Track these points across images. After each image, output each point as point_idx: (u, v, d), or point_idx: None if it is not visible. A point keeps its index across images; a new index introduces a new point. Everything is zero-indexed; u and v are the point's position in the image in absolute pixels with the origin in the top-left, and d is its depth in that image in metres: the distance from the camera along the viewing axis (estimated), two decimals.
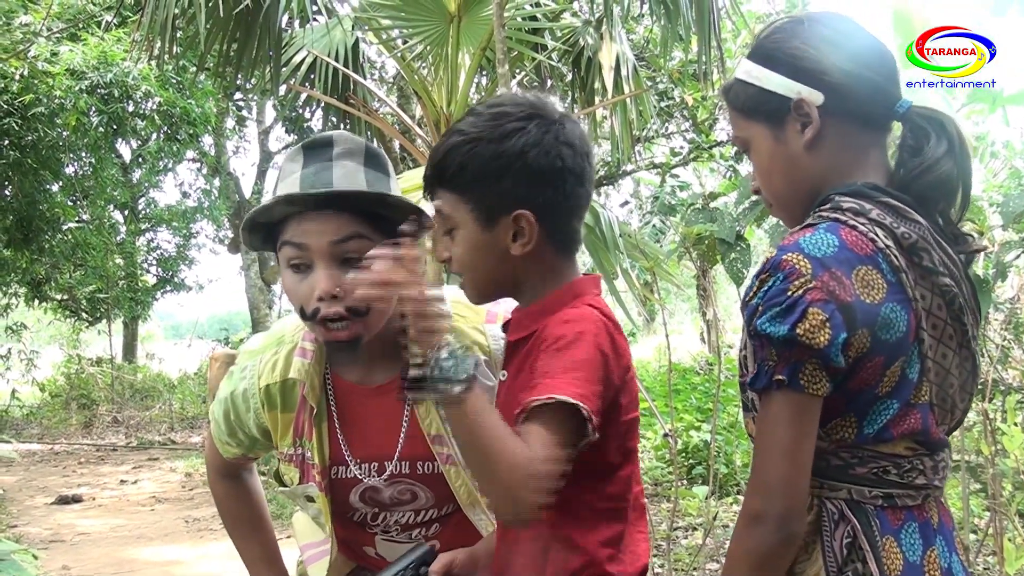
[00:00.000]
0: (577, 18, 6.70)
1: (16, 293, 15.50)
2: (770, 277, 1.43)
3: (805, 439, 1.41)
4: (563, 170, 1.52)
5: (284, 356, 1.93)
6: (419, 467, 1.89)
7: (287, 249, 1.75)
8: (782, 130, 1.56)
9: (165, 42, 5.51)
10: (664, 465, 7.52)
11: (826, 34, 1.54)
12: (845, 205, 1.48)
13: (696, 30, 5.55)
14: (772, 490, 1.40)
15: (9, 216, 12.79)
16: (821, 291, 1.39)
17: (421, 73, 5.83)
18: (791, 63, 1.54)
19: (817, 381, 1.40)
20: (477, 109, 1.57)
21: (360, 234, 1.74)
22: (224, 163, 17.41)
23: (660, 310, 5.79)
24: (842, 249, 1.43)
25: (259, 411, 1.95)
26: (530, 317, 1.56)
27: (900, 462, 1.47)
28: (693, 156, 13.88)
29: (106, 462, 11.34)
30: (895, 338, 1.43)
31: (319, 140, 1.82)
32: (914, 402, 1.47)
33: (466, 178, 1.52)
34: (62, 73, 10.34)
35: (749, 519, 1.42)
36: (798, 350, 1.39)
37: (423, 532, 1.97)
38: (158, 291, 18.99)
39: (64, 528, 7.40)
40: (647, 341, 19.79)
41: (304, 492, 1.94)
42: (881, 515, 1.46)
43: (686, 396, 8.85)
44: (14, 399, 15.20)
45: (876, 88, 1.53)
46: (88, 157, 13.53)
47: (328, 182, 1.74)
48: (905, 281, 1.44)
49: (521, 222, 1.50)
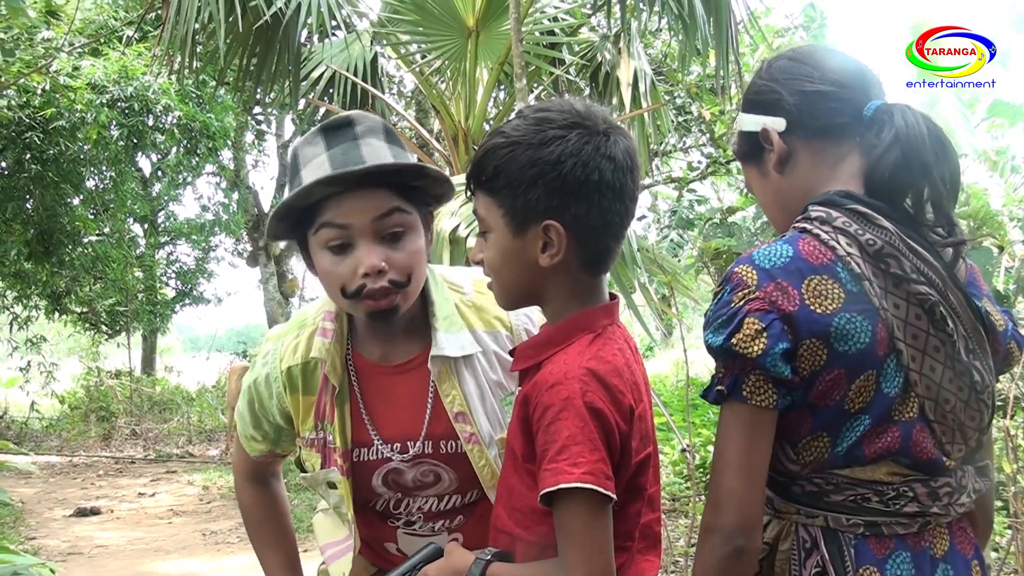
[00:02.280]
0: (595, 33, 6.70)
1: (37, 306, 15.56)
2: (721, 289, 1.46)
3: (755, 452, 1.41)
4: (600, 184, 1.46)
5: (306, 338, 1.93)
6: (442, 446, 1.88)
7: (326, 231, 1.75)
8: (763, 164, 1.61)
9: (185, 56, 5.55)
10: (682, 480, 7.47)
11: (784, 65, 1.59)
12: (813, 214, 1.48)
13: (714, 44, 5.55)
14: (721, 503, 1.41)
15: (30, 229, 12.87)
16: (762, 301, 1.40)
17: (439, 87, 5.85)
18: (755, 100, 1.60)
19: (761, 393, 1.40)
20: (524, 111, 1.53)
21: (399, 208, 1.75)
22: (243, 177, 17.47)
23: (678, 325, 5.77)
24: (794, 259, 1.43)
25: (281, 395, 1.95)
26: (535, 348, 1.55)
27: (883, 489, 1.44)
28: (711, 171, 13.84)
29: (124, 474, 11.37)
30: (855, 349, 1.41)
31: (338, 121, 1.81)
32: (896, 418, 1.44)
33: (500, 182, 1.49)
34: (83, 87, 10.42)
35: (701, 532, 1.43)
36: (738, 361, 1.40)
37: (447, 523, 1.95)
38: (177, 304, 19.05)
39: (82, 541, 7.42)
40: (665, 355, 19.71)
41: (326, 477, 1.93)
42: (861, 544, 1.44)
43: (704, 411, 8.81)
44: (33, 411, 15.27)
45: (838, 100, 1.54)
46: (109, 170, 13.61)
47: (359, 159, 1.74)
48: (869, 289, 1.42)
49: (550, 233, 1.47)
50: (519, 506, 1.48)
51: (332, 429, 1.89)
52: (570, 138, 1.46)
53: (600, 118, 1.50)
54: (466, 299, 1.93)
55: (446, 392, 1.85)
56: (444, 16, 5.36)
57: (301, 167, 1.78)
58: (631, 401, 1.46)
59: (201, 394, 16.87)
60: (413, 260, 1.77)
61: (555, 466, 1.37)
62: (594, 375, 1.43)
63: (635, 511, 1.50)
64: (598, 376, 1.43)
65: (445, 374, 1.86)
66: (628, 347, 1.53)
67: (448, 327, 1.86)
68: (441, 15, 5.37)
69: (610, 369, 1.45)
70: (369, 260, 1.72)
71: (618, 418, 1.42)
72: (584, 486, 1.35)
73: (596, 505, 1.37)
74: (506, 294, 1.58)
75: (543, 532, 1.42)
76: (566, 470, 1.36)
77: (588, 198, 1.46)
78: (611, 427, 1.41)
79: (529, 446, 1.45)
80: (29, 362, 15.57)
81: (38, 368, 15.46)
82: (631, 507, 1.50)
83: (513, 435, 1.51)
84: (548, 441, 1.39)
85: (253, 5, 5.20)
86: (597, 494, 1.36)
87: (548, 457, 1.38)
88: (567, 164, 1.44)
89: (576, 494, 1.36)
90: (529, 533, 1.46)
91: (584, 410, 1.39)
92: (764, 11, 11.63)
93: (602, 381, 1.43)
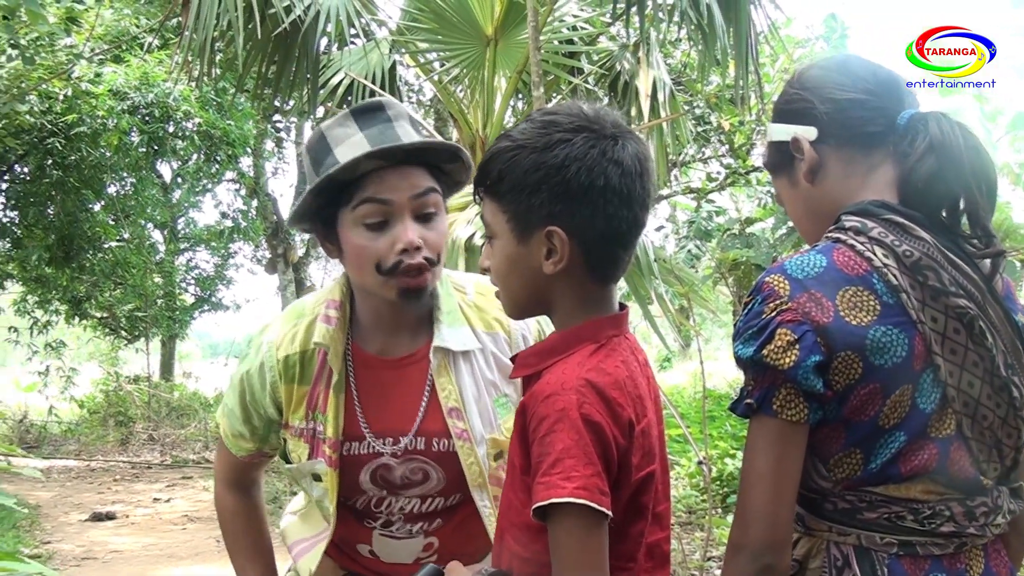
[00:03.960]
0: (614, 42, 6.68)
1: (57, 311, 15.65)
2: (751, 299, 1.42)
3: (784, 468, 1.37)
4: (605, 189, 1.40)
5: (304, 328, 1.93)
6: (434, 444, 1.88)
7: (366, 207, 1.77)
8: (793, 174, 1.57)
9: (204, 64, 5.56)
10: (698, 493, 7.43)
11: (815, 74, 1.56)
12: (848, 224, 1.45)
13: (734, 55, 5.52)
14: (748, 520, 1.37)
15: (51, 234, 12.96)
16: (795, 312, 1.36)
17: (457, 96, 5.84)
18: (785, 109, 1.57)
19: (792, 407, 1.36)
20: (533, 116, 1.50)
21: (433, 188, 1.82)
22: (262, 184, 17.53)
23: (695, 336, 5.73)
24: (828, 270, 1.39)
25: (275, 384, 1.94)
26: (536, 356, 1.51)
27: (918, 508, 1.40)
28: (730, 181, 13.81)
29: (140, 479, 11.41)
30: (892, 363, 1.37)
31: (370, 105, 1.85)
32: (932, 435, 1.40)
33: (505, 186, 1.45)
34: (105, 94, 10.48)
35: (728, 549, 1.40)
36: (768, 373, 1.37)
37: (425, 526, 1.95)
38: (196, 310, 19.12)
39: (97, 545, 7.43)
40: (682, 366, 19.64)
41: (311, 469, 1.92)
42: (895, 564, 1.39)
43: (721, 423, 8.77)
44: (52, 415, 15.35)
45: (871, 108, 1.51)
46: (129, 177, 13.70)
47: (397, 139, 1.77)
48: (906, 302, 1.38)
49: (553, 239, 1.42)
50: (517, 521, 1.44)
51: (324, 419, 1.89)
52: (575, 142, 1.41)
53: (609, 121, 1.45)
54: (468, 299, 1.96)
55: (443, 386, 1.87)
56: (463, 24, 5.36)
57: (334, 147, 1.79)
58: (632, 415, 1.40)
59: (219, 400, 16.87)
60: (441, 240, 1.83)
61: (548, 480, 1.32)
62: (592, 387, 1.37)
63: (637, 531, 1.44)
64: (596, 388, 1.37)
65: (444, 368, 1.87)
66: (635, 359, 1.48)
67: (451, 322, 1.89)
68: (460, 23, 5.36)
69: (610, 381, 1.39)
70: (407, 236, 1.75)
71: (616, 432, 1.36)
72: (577, 501, 1.30)
73: (590, 521, 1.32)
74: (513, 303, 1.54)
75: (539, 549, 1.37)
76: (559, 484, 1.30)
77: (593, 204, 1.40)
78: (608, 441, 1.35)
79: (526, 458, 1.40)
80: (48, 367, 15.65)
81: (57, 372, 15.54)
82: (633, 527, 1.43)
83: (513, 448, 1.47)
84: (542, 453, 1.34)
85: (272, 12, 5.21)
86: (591, 510, 1.30)
87: (541, 470, 1.33)
88: (571, 168, 1.40)
89: (569, 509, 1.31)
90: (526, 550, 1.41)
91: (580, 422, 1.33)
92: (784, 21, 11.61)
93: (600, 393, 1.37)
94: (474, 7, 5.29)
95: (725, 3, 5.27)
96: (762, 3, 5.55)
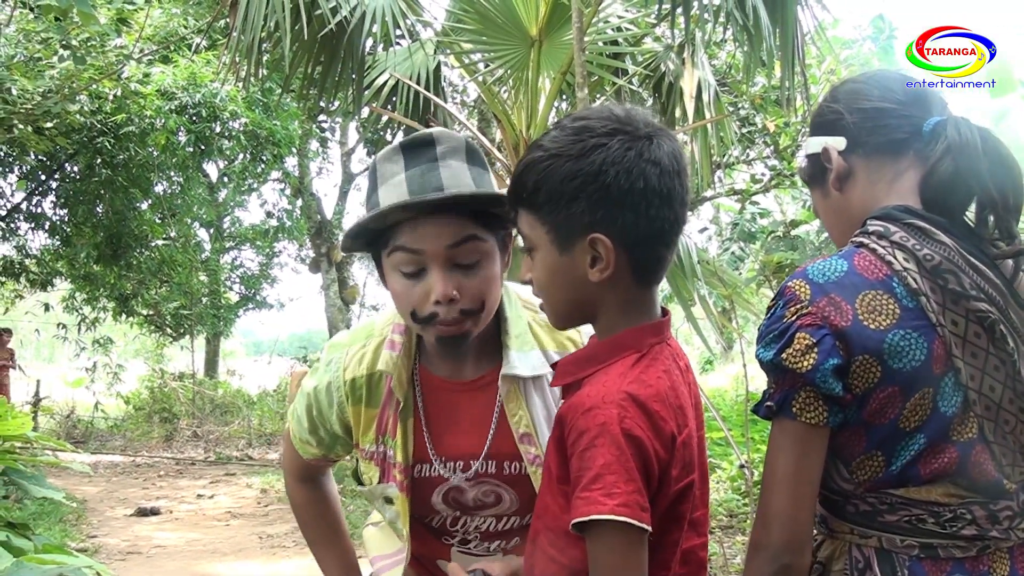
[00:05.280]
0: (659, 43, 6.65)
1: (104, 307, 15.89)
2: (774, 304, 1.44)
3: (804, 470, 1.39)
4: (645, 191, 1.37)
5: (372, 350, 1.89)
6: (505, 467, 1.84)
7: (399, 255, 1.70)
8: (825, 184, 1.60)
9: (251, 64, 5.61)
10: (740, 497, 7.37)
11: (848, 88, 1.60)
12: (871, 229, 1.47)
13: (779, 56, 5.47)
14: (769, 521, 1.39)
15: (100, 232, 13.17)
16: (814, 316, 1.38)
17: (501, 97, 5.85)
18: (818, 123, 1.61)
19: (811, 410, 1.38)
20: (563, 123, 1.45)
21: (474, 236, 1.70)
22: (307, 184, 17.68)
23: (738, 338, 5.69)
24: (849, 274, 1.41)
25: (343, 405, 1.91)
26: (577, 364, 1.49)
27: (939, 511, 1.41)
28: (774, 183, 13.70)
29: (184, 476, 11.54)
30: (910, 367, 1.38)
31: (420, 139, 1.76)
32: (954, 438, 1.40)
33: (541, 198, 1.41)
34: (153, 94, 10.62)
35: (750, 548, 1.42)
36: (788, 376, 1.39)
37: (503, 544, 1.93)
38: (240, 308, 19.36)
39: (141, 540, 7.53)
40: (725, 369, 19.52)
41: (383, 492, 1.90)
42: (916, 566, 1.40)
43: (764, 426, 8.68)
44: (98, 411, 15.58)
45: (897, 116, 1.53)
46: (176, 176, 13.89)
47: (438, 183, 1.69)
48: (926, 305, 1.39)
49: (598, 247, 1.39)
50: (553, 526, 1.43)
51: (393, 444, 1.86)
52: (611, 145, 1.38)
53: (641, 121, 1.42)
54: (539, 318, 1.87)
55: (512, 412, 1.81)
56: (507, 25, 5.36)
57: (379, 184, 1.74)
58: (673, 428, 1.38)
59: (262, 398, 17.08)
60: (486, 287, 1.73)
61: (588, 495, 1.30)
62: (634, 400, 1.35)
63: (673, 540, 1.43)
64: (638, 401, 1.35)
65: (514, 393, 1.81)
66: (677, 366, 1.46)
67: (520, 346, 1.82)
68: (504, 24, 5.36)
69: (652, 394, 1.37)
70: (441, 288, 1.67)
71: (658, 446, 1.35)
72: (618, 519, 1.29)
73: (632, 538, 1.31)
74: (557, 313, 1.51)
75: (576, 556, 1.37)
76: (600, 500, 1.29)
77: (635, 207, 1.38)
78: (649, 456, 1.34)
79: (563, 468, 1.39)
80: (96, 363, 15.90)
81: (104, 369, 15.78)
82: (669, 536, 1.42)
83: (549, 454, 1.45)
84: (582, 468, 1.33)
85: (319, 14, 5.25)
86: (632, 527, 1.29)
87: (582, 485, 1.32)
88: (610, 173, 1.36)
89: (610, 526, 1.29)
90: (563, 555, 1.40)
91: (621, 438, 1.31)
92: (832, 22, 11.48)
93: (642, 407, 1.35)
94: (519, 8, 5.29)
95: (771, 4, 5.23)
96: (809, 4, 5.49)
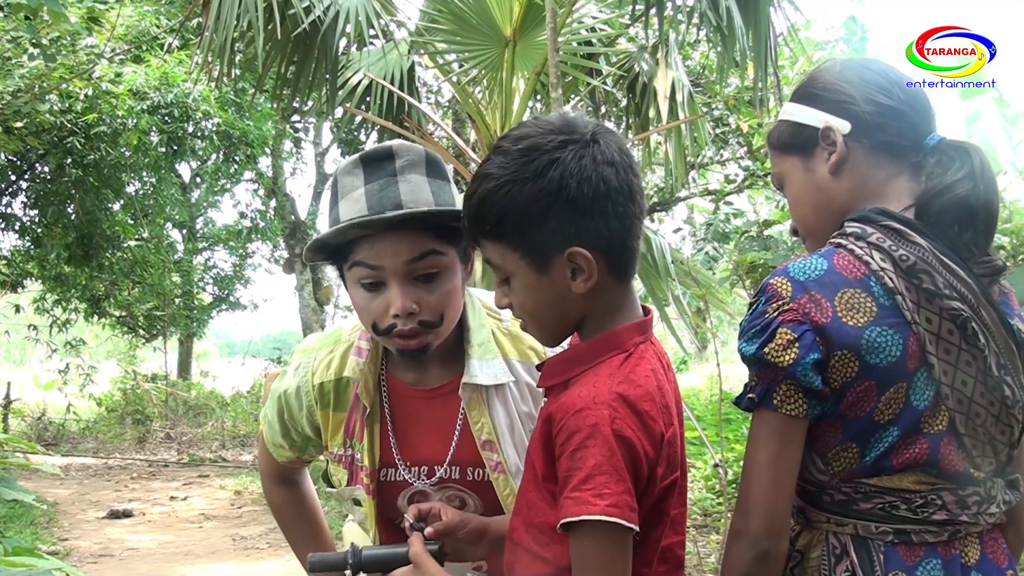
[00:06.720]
0: (633, 43, 6.67)
1: (76, 309, 15.73)
2: (756, 300, 1.49)
3: (783, 460, 1.44)
4: (609, 193, 1.40)
5: (340, 355, 1.93)
6: (469, 473, 1.88)
7: (359, 270, 1.73)
8: (811, 159, 1.61)
9: (224, 64, 5.58)
10: (714, 496, 7.41)
11: (859, 72, 1.60)
12: (849, 230, 1.51)
13: (753, 57, 5.50)
14: (749, 508, 1.44)
15: (71, 233, 13.02)
16: (796, 312, 1.43)
17: (476, 97, 5.84)
18: (822, 96, 1.60)
19: (791, 402, 1.43)
20: (503, 146, 1.44)
21: (433, 250, 1.72)
22: (281, 184, 17.60)
23: (712, 338, 5.72)
24: (829, 273, 1.46)
25: (312, 409, 1.95)
26: (563, 365, 1.49)
27: (911, 497, 1.46)
28: (748, 183, 13.76)
29: (157, 478, 11.46)
30: (886, 362, 1.43)
31: (378, 152, 1.77)
32: (924, 431, 1.46)
33: (508, 226, 1.42)
34: (125, 93, 10.51)
35: (729, 536, 1.48)
36: (769, 370, 1.43)
37: None
38: (214, 309, 19.23)
39: (114, 543, 7.48)
40: (699, 369, 19.59)
41: (352, 494, 1.94)
42: (891, 551, 1.46)
43: (738, 426, 8.73)
44: (70, 413, 15.43)
45: (906, 122, 1.56)
46: (148, 176, 13.74)
47: (396, 199, 1.70)
48: (902, 304, 1.44)
49: (577, 259, 1.40)
50: (537, 522, 1.44)
51: (361, 448, 1.89)
52: (564, 158, 1.38)
53: (582, 125, 1.43)
54: (503, 326, 1.90)
55: (475, 420, 1.84)
56: (481, 26, 5.36)
57: (340, 198, 1.76)
58: (662, 427, 1.40)
59: (236, 399, 16.99)
60: (446, 300, 1.75)
61: (579, 495, 1.32)
62: (624, 401, 1.36)
63: (656, 536, 1.45)
64: (629, 402, 1.37)
65: (476, 401, 1.84)
66: (661, 365, 1.48)
67: (482, 354, 1.84)
68: (479, 25, 5.36)
69: (641, 394, 1.39)
70: (400, 303, 1.70)
71: (647, 446, 1.36)
72: (608, 519, 1.31)
73: (619, 537, 1.33)
74: (547, 332, 1.52)
75: (560, 552, 1.38)
76: (590, 501, 1.31)
77: (603, 212, 1.40)
78: (639, 456, 1.35)
79: (550, 466, 1.40)
80: (68, 364, 15.74)
81: (76, 371, 15.63)
82: (652, 532, 1.44)
83: (535, 451, 1.46)
84: (572, 468, 1.34)
85: (292, 13, 5.23)
86: (620, 526, 1.31)
87: (572, 485, 1.33)
88: (571, 186, 1.38)
89: (599, 526, 1.31)
90: (547, 551, 1.41)
91: (612, 439, 1.33)
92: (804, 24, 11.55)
93: (633, 407, 1.36)
94: (493, 8, 5.29)
95: (744, 5, 5.26)
96: (781, 5, 5.54)
